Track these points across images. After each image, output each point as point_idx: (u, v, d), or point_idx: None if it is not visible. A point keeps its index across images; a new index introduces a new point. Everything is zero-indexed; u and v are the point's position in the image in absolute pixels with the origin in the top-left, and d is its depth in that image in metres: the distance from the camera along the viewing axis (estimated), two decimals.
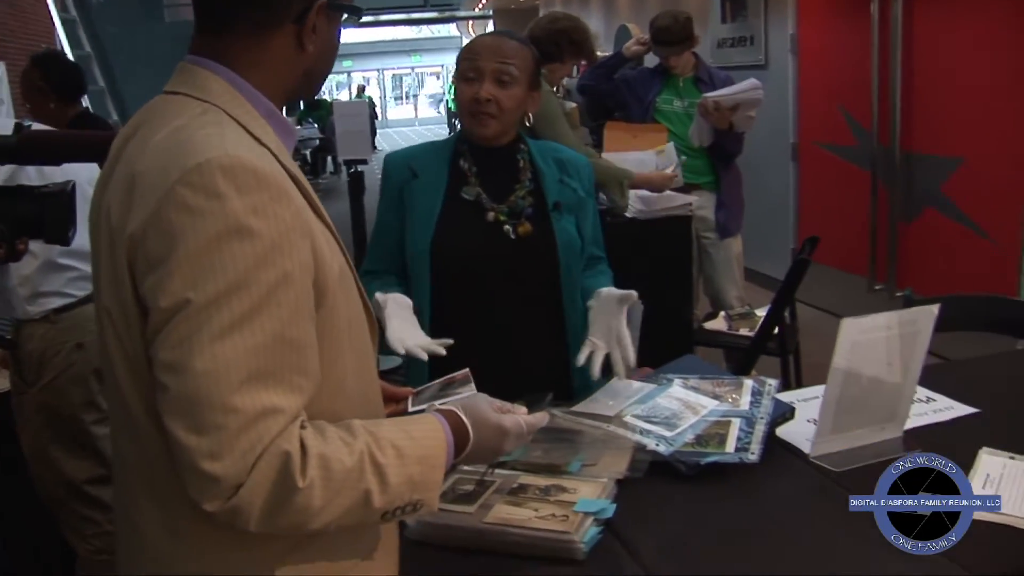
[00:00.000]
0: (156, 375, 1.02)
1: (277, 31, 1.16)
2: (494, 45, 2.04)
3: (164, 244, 1.01)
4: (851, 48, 5.46)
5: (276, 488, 1.01)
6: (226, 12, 1.15)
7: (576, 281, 2.08)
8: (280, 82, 1.19)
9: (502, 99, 2.00)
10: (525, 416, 1.32)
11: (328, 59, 1.25)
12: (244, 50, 1.15)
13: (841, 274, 5.65)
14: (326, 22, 1.20)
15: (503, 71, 2.00)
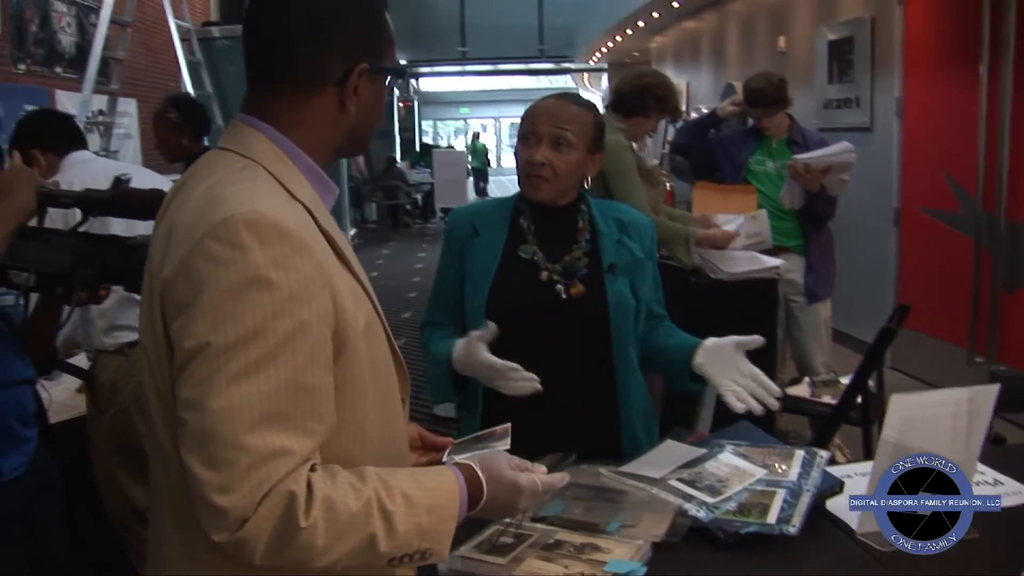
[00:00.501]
0: (177, 410, 1.09)
1: (319, 92, 1.23)
2: (553, 109, 2.08)
3: (191, 290, 1.08)
4: (958, 111, 5.34)
5: (280, 525, 1.06)
6: (271, 74, 1.23)
7: (628, 342, 2.09)
8: (323, 140, 1.26)
9: (556, 163, 2.04)
10: (542, 476, 1.34)
11: (372, 118, 1.31)
12: (287, 109, 1.23)
13: (941, 344, 5.49)
14: (369, 84, 1.26)
15: (560, 136, 2.04)
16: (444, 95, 34.59)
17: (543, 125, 2.06)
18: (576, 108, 2.09)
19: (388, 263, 11.96)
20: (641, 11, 11.91)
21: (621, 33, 14.35)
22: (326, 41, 1.22)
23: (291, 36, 1.21)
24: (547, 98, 2.14)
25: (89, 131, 6.85)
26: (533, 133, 2.06)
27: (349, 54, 1.23)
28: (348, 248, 1.24)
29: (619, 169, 3.51)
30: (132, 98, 8.56)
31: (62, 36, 7.34)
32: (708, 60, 10.99)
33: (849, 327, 6.03)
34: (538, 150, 2.04)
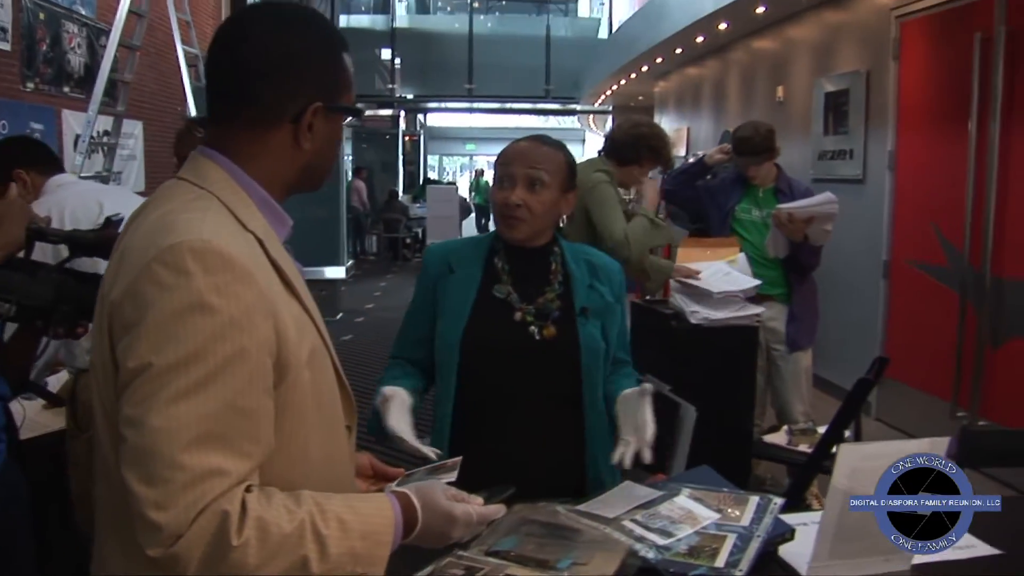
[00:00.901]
0: (119, 427, 1.13)
1: (275, 128, 1.28)
2: (526, 151, 2.13)
3: (136, 312, 1.13)
4: (947, 167, 5.40)
5: (212, 543, 1.09)
6: (229, 108, 1.29)
7: (597, 384, 2.13)
8: (278, 175, 1.31)
9: (532, 203, 2.09)
10: (477, 507, 1.37)
11: (328, 155, 1.36)
12: (244, 143, 1.28)
13: (924, 396, 5.51)
14: (324, 122, 1.31)
15: (534, 176, 2.09)
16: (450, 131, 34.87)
17: (517, 167, 2.10)
18: (548, 149, 2.15)
19: (385, 295, 12.01)
20: (645, 56, 12.05)
21: (626, 77, 14.49)
22: (283, 79, 1.27)
23: (249, 73, 1.26)
24: (519, 141, 2.19)
25: (93, 151, 6.94)
26: (508, 175, 2.11)
27: (305, 92, 1.28)
28: (298, 278, 1.28)
29: (598, 201, 3.55)
30: (138, 120, 8.68)
31: (72, 56, 7.45)
32: (709, 106, 11.10)
33: (836, 377, 6.06)
34: (513, 192, 2.09)
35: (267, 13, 1.34)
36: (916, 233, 5.77)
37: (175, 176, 1.31)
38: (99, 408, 1.23)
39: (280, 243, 1.30)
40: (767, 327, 4.19)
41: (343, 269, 10.17)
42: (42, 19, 6.91)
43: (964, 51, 5.15)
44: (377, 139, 22.02)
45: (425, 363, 2.18)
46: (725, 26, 8.87)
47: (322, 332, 1.32)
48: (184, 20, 8.05)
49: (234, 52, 1.29)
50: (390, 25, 21.69)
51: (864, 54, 6.51)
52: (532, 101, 22.13)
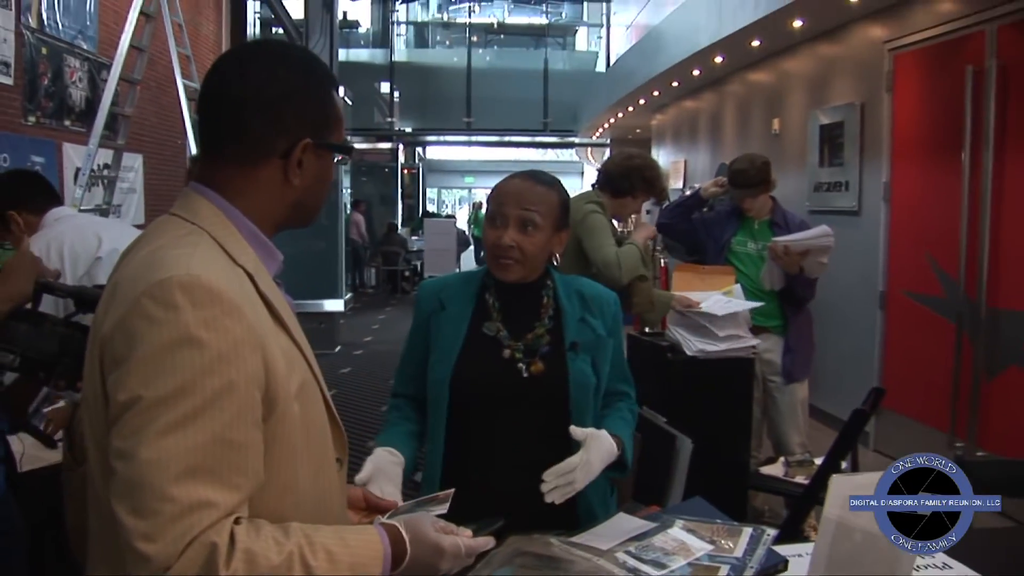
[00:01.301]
0: (110, 459, 1.14)
1: (264, 164, 1.31)
2: (519, 191, 2.13)
3: (126, 346, 1.14)
4: (942, 198, 5.43)
5: (201, 574, 1.10)
6: (219, 144, 1.31)
7: (586, 418, 2.12)
8: (269, 210, 1.33)
9: (525, 245, 2.10)
10: (466, 539, 1.38)
11: (319, 192, 1.38)
12: (234, 179, 1.31)
13: (921, 427, 5.52)
14: (314, 159, 1.34)
15: (527, 218, 2.10)
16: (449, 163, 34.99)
17: (510, 208, 2.11)
18: (542, 188, 2.15)
19: (383, 328, 12.01)
20: (642, 89, 12.13)
21: (623, 110, 14.59)
22: (273, 115, 1.29)
23: (240, 109, 1.29)
24: (513, 178, 2.19)
25: (93, 184, 6.97)
26: (501, 215, 2.12)
27: (294, 130, 1.31)
28: (288, 312, 1.30)
29: (589, 229, 3.58)
30: (138, 153, 8.73)
31: (73, 90, 7.50)
32: (705, 139, 11.17)
33: (833, 408, 6.06)
34: (506, 233, 2.10)
35: (259, 51, 1.37)
36: (912, 264, 5.80)
37: (167, 212, 1.32)
38: (90, 440, 1.24)
39: (270, 277, 1.32)
40: (763, 359, 4.21)
41: (342, 302, 10.17)
42: (44, 53, 6.97)
43: (957, 83, 5.20)
44: (376, 172, 22.12)
45: (422, 398, 2.19)
46: (721, 59, 8.94)
47: (312, 366, 1.33)
48: (184, 54, 8.11)
49: (225, 88, 1.31)
50: (389, 59, 21.83)
51: (858, 86, 6.57)
52: (530, 134, 22.25)
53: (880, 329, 6.16)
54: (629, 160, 3.85)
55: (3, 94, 6.36)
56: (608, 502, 2.19)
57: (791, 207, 4.87)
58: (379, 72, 21.52)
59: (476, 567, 1.81)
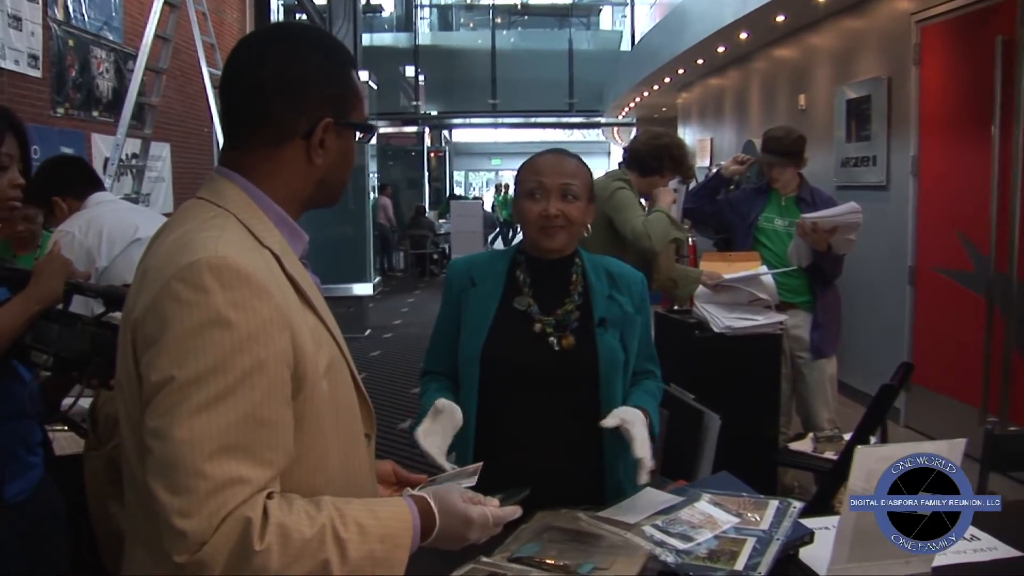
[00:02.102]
0: (144, 439, 1.17)
1: (287, 145, 1.33)
2: (556, 164, 2.18)
3: (157, 328, 1.17)
4: (971, 172, 5.38)
5: (236, 548, 1.13)
6: (243, 128, 1.34)
7: (615, 393, 2.15)
8: (293, 191, 1.36)
9: (569, 212, 2.14)
10: (493, 509, 1.40)
11: (342, 170, 1.41)
12: (258, 162, 1.33)
13: (953, 402, 5.48)
14: (336, 137, 1.36)
15: (567, 187, 2.14)
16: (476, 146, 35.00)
17: (550, 179, 2.15)
18: (574, 161, 2.21)
19: (412, 311, 12.06)
20: (667, 67, 12.07)
21: (648, 89, 14.52)
22: (293, 98, 1.32)
23: (261, 93, 1.31)
24: (543, 154, 2.24)
25: (122, 174, 7.05)
26: (541, 187, 2.15)
27: (315, 110, 1.33)
28: (315, 292, 1.33)
29: (618, 205, 3.60)
30: (166, 142, 8.81)
31: (100, 81, 7.58)
32: (731, 116, 11.10)
33: (863, 384, 6.04)
34: (551, 203, 2.14)
35: (276, 34, 1.40)
36: (941, 239, 5.75)
37: (194, 196, 1.35)
38: (125, 421, 1.27)
39: (297, 258, 1.34)
40: (791, 335, 4.20)
41: (370, 286, 10.22)
42: (71, 46, 7.05)
43: (986, 54, 5.13)
44: (403, 156, 22.17)
45: (455, 375, 2.22)
46: (745, 36, 8.88)
47: (340, 343, 1.36)
48: (209, 43, 8.16)
49: (245, 74, 1.34)
50: (413, 43, 21.83)
51: (885, 60, 6.50)
52: (556, 115, 22.20)
53: (910, 305, 6.12)
54: (657, 139, 3.86)
55: (32, 86, 6.44)
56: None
57: (818, 183, 4.84)
58: (403, 56, 21.52)
59: (505, 542, 1.84)
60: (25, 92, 6.31)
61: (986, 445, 2.81)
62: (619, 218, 3.59)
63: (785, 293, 4.16)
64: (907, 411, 5.93)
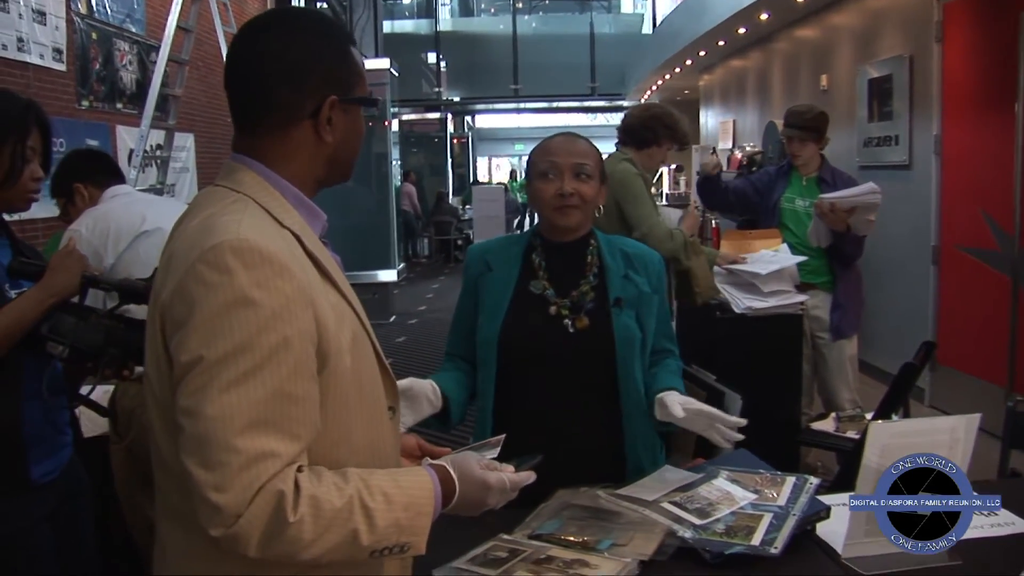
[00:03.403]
0: (177, 418, 1.21)
1: (297, 126, 1.37)
2: (568, 145, 2.22)
3: (185, 310, 1.21)
4: (994, 150, 5.34)
5: (270, 520, 1.17)
6: (251, 114, 1.38)
7: (633, 373, 2.17)
8: (307, 171, 1.40)
9: (583, 190, 2.17)
10: (510, 474, 1.44)
11: (352, 145, 1.44)
12: (270, 145, 1.37)
13: (978, 382, 5.46)
14: (342, 114, 1.40)
15: (580, 167, 2.17)
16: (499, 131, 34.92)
17: (562, 159, 2.19)
18: (584, 142, 2.24)
19: (437, 297, 12.13)
20: (688, 49, 12.02)
21: (670, 71, 14.46)
22: (296, 81, 1.35)
23: (264, 79, 1.35)
24: (554, 137, 2.27)
25: (147, 165, 7.12)
26: (555, 168, 2.19)
27: (319, 89, 1.36)
28: (335, 269, 1.37)
29: (631, 194, 3.62)
30: (189, 133, 8.88)
31: (124, 73, 7.64)
32: (753, 98, 11.05)
33: (888, 364, 6.01)
34: (565, 182, 2.17)
35: (274, 20, 1.43)
36: (964, 218, 5.72)
37: (212, 184, 1.39)
38: (152, 404, 1.31)
39: (316, 237, 1.38)
40: (811, 315, 4.21)
41: (395, 272, 10.26)
42: (95, 39, 7.11)
43: (1009, 31, 5.09)
44: (425, 142, 22.18)
45: (474, 359, 2.26)
46: (766, 16, 8.83)
47: (361, 318, 1.40)
48: (231, 33, 8.20)
49: (247, 62, 1.37)
50: (434, 29, 21.81)
51: (907, 39, 6.46)
52: (579, 99, 22.12)
53: (934, 284, 6.09)
54: (647, 110, 3.88)
55: (57, 80, 6.51)
56: (657, 456, 2.23)
57: (840, 163, 4.82)
58: (425, 42, 21.50)
59: (525, 520, 1.88)
60: (51, 86, 6.38)
61: (1007, 422, 2.81)
62: (631, 211, 3.61)
63: (805, 274, 4.16)
64: (932, 391, 5.91)
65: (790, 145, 4.35)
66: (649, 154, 3.80)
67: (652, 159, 3.83)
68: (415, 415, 2.07)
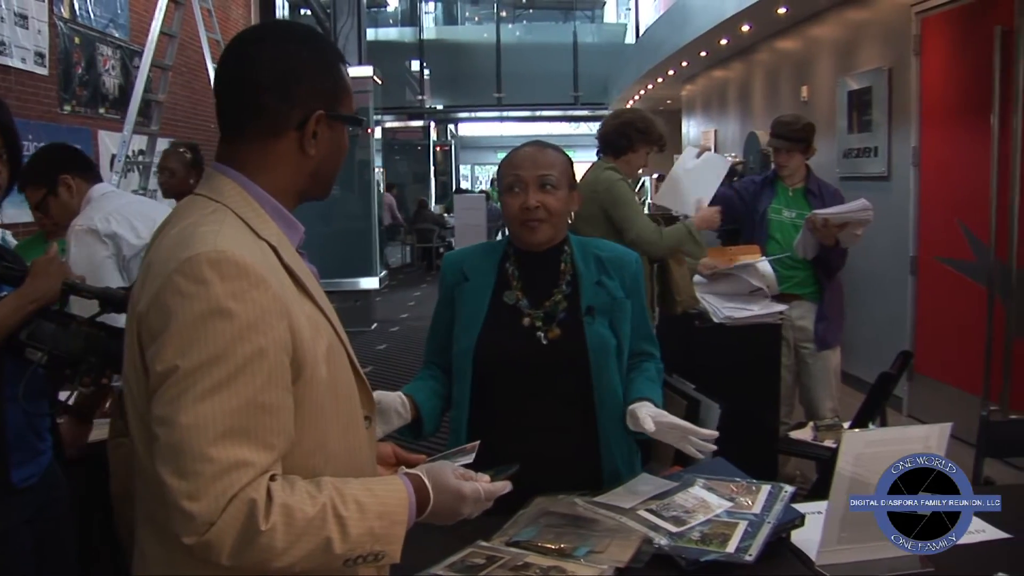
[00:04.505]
0: (152, 427, 1.22)
1: (281, 138, 1.38)
2: (533, 156, 2.20)
3: (161, 320, 1.22)
4: (971, 161, 5.40)
5: (242, 529, 1.18)
6: (238, 123, 1.38)
7: (608, 381, 2.18)
8: (288, 183, 1.40)
9: (549, 203, 2.16)
10: (485, 484, 1.46)
11: (334, 161, 1.45)
12: (253, 155, 1.38)
13: (955, 391, 5.51)
14: (327, 129, 1.41)
15: (545, 178, 2.16)
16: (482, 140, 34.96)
17: (527, 171, 2.17)
18: (551, 151, 2.23)
19: (419, 305, 12.12)
20: (671, 59, 12.08)
21: (653, 81, 14.53)
22: (286, 90, 1.36)
23: (255, 87, 1.36)
24: (521, 148, 2.26)
25: (129, 170, 7.09)
26: (519, 181, 2.18)
27: (307, 102, 1.37)
28: (311, 280, 1.38)
29: (618, 201, 3.66)
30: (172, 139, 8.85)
31: (106, 78, 7.62)
32: (735, 108, 11.12)
33: (866, 373, 6.05)
34: (529, 196, 2.16)
35: (267, 31, 1.44)
36: (942, 228, 5.77)
37: (192, 192, 1.40)
38: (132, 412, 1.32)
39: (293, 249, 1.39)
40: (796, 326, 4.24)
41: (376, 279, 10.25)
42: (77, 43, 7.10)
43: (985, 45, 5.15)
44: (408, 150, 22.21)
45: (451, 367, 2.26)
46: (748, 28, 8.90)
47: (337, 329, 1.41)
48: (214, 39, 8.21)
49: (239, 69, 1.38)
50: (418, 37, 21.86)
51: (886, 51, 6.52)
52: (562, 108, 22.21)
53: (912, 294, 6.15)
54: (618, 118, 3.92)
55: (39, 84, 6.49)
56: (634, 462, 2.25)
57: (821, 174, 4.85)
58: (409, 50, 21.55)
59: (503, 527, 1.89)
60: (32, 90, 6.36)
61: (981, 431, 2.84)
62: (620, 215, 3.64)
63: (791, 285, 4.20)
64: (910, 400, 5.96)
65: (777, 156, 4.36)
66: (627, 160, 3.83)
67: (631, 165, 3.86)
68: (385, 427, 2.08)
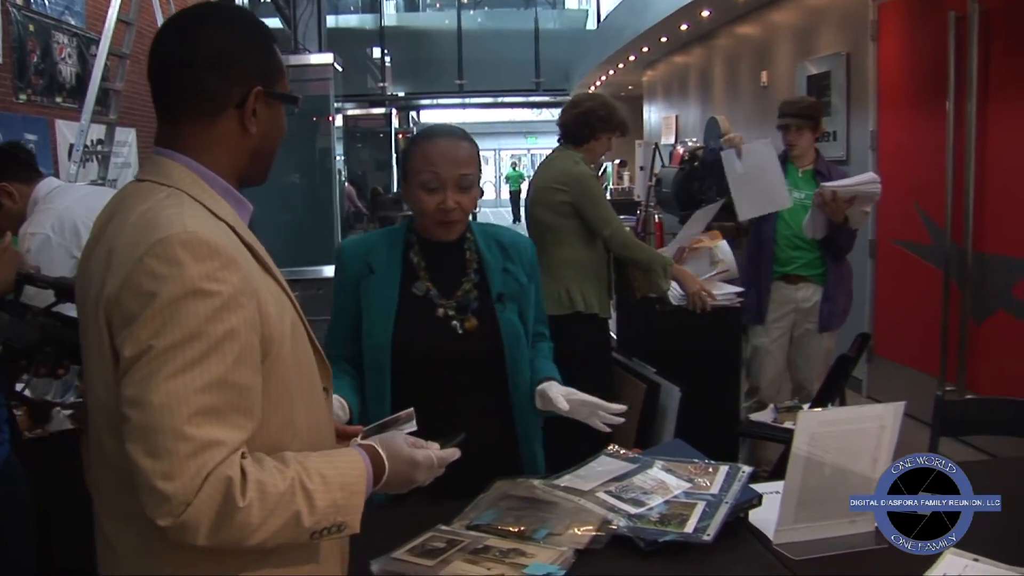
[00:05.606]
0: (122, 409, 1.21)
1: (221, 116, 1.38)
2: (452, 153, 2.13)
3: (136, 304, 1.22)
4: (927, 146, 5.47)
5: (220, 506, 1.19)
6: (177, 103, 1.38)
7: (521, 366, 2.22)
8: (230, 163, 1.41)
9: (466, 203, 2.14)
10: (436, 451, 1.50)
11: (272, 142, 1.46)
12: (194, 135, 1.38)
13: (913, 372, 5.59)
14: (265, 107, 1.41)
15: (464, 178, 2.13)
16: None
17: (446, 170, 2.11)
18: (467, 145, 2.17)
19: None
20: (631, 45, 12.13)
21: (614, 67, 14.58)
22: (223, 69, 1.36)
23: (192, 68, 1.36)
24: (434, 137, 2.18)
25: (87, 160, 6.99)
26: (437, 179, 2.12)
27: (245, 79, 1.38)
28: (268, 257, 1.39)
29: (589, 197, 3.68)
30: (131, 127, 8.73)
31: (63, 67, 7.50)
32: (696, 94, 11.19)
33: None
34: (447, 196, 2.11)
35: (202, 12, 1.43)
36: (899, 212, 5.84)
37: (135, 179, 1.40)
38: (93, 402, 1.31)
39: (246, 226, 1.40)
40: (800, 308, 4.25)
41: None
42: (32, 31, 6.98)
43: (940, 30, 5.21)
44: (370, 138, 22.04)
45: (359, 359, 2.23)
46: (708, 13, 8.95)
47: (295, 305, 1.43)
48: None
49: (176, 50, 1.38)
50: (379, 24, 21.72)
51: (844, 37, 6.59)
52: (523, 94, 22.21)
53: (871, 277, 6.22)
54: (578, 107, 3.91)
55: None
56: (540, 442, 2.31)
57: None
58: (370, 37, 21.39)
59: (464, 511, 1.90)
60: None
61: (936, 411, 2.89)
62: (594, 214, 3.69)
63: (799, 267, 4.23)
64: (869, 382, 6.04)
65: (787, 134, 4.32)
66: (589, 148, 3.85)
67: (594, 153, 3.89)
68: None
